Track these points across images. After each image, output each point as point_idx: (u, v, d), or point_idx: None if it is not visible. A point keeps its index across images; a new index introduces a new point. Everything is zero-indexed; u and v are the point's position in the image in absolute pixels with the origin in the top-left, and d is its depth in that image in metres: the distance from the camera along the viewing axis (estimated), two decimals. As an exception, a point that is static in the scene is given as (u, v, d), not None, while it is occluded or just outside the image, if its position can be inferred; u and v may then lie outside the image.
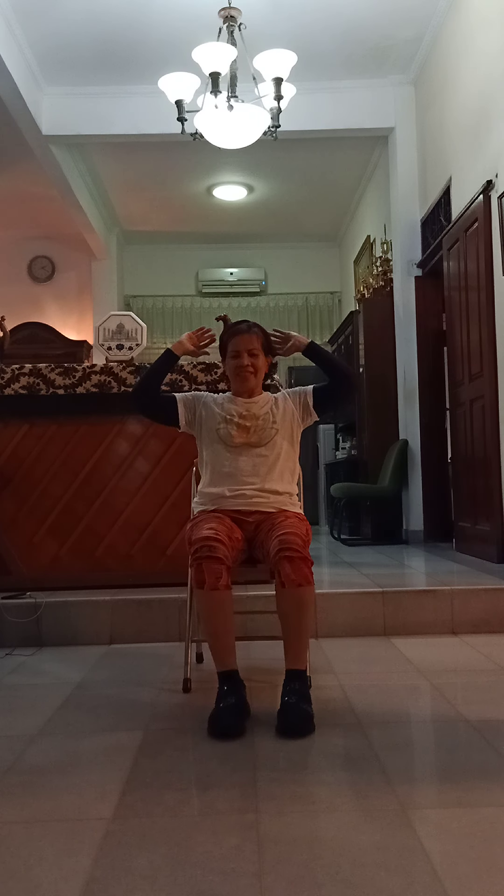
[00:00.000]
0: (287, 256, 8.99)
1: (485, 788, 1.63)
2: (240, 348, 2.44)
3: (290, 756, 1.86)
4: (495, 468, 4.16)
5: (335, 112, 5.76)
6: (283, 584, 2.15)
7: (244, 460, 2.40)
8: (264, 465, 2.41)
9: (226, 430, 2.41)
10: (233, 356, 2.46)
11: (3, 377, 3.53)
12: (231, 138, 4.37)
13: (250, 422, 2.42)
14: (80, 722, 2.17)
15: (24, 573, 3.51)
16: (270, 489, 2.40)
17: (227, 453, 2.42)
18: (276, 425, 2.43)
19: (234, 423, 2.41)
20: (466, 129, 4.65)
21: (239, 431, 2.41)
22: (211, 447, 2.46)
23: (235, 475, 2.40)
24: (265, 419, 2.43)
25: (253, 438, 2.40)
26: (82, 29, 5.01)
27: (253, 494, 2.38)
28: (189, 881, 1.29)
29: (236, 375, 2.46)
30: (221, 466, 2.42)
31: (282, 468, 2.43)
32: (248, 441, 2.40)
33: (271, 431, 2.42)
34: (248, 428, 2.41)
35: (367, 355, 6.06)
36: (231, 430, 2.41)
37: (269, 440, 2.41)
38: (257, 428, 2.41)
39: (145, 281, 8.95)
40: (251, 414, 2.43)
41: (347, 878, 1.28)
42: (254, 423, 2.42)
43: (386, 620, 3.20)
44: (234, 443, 2.40)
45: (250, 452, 2.40)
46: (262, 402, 2.48)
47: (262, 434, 2.41)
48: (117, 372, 3.55)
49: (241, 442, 2.40)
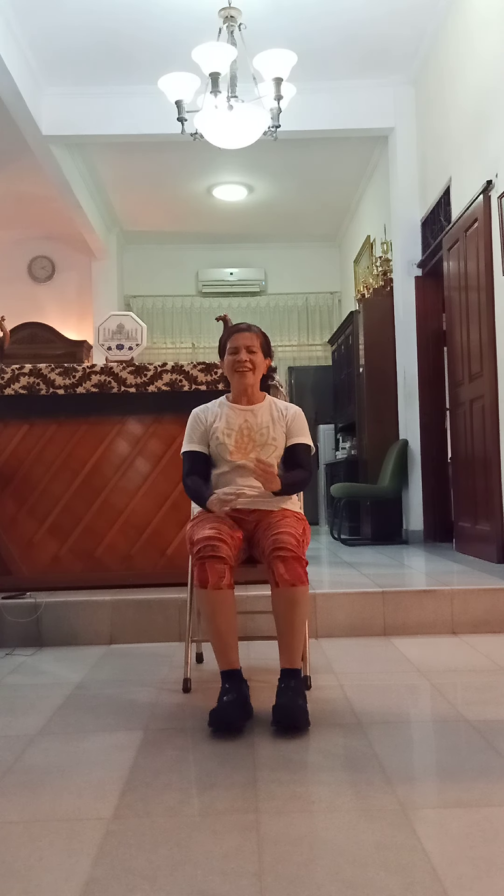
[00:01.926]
0: (287, 256, 8.99)
1: (485, 788, 1.63)
2: (238, 344, 2.44)
3: (290, 756, 1.86)
4: (495, 468, 4.16)
5: (335, 112, 5.76)
6: (276, 583, 2.16)
7: (242, 474, 2.41)
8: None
9: (223, 447, 2.42)
10: (231, 352, 2.46)
11: (3, 377, 3.53)
12: (231, 138, 4.37)
13: (247, 438, 2.42)
14: (80, 722, 2.17)
15: (24, 573, 3.52)
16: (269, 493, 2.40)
17: (225, 467, 2.44)
18: (275, 441, 2.44)
19: (231, 440, 2.42)
20: (466, 129, 4.65)
21: (237, 448, 2.41)
22: (211, 454, 2.48)
23: (235, 482, 2.41)
24: (263, 434, 2.44)
25: (251, 455, 2.41)
26: (82, 29, 5.02)
27: (253, 495, 2.38)
28: (189, 881, 1.29)
29: (234, 371, 2.46)
30: (221, 476, 2.44)
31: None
32: (247, 457, 2.41)
33: (269, 448, 2.43)
34: (244, 446, 2.42)
35: (367, 355, 6.06)
36: (229, 447, 2.42)
37: (268, 456, 2.42)
38: (255, 444, 2.42)
39: (145, 281, 8.95)
40: (249, 427, 2.44)
41: (347, 878, 1.28)
42: (251, 439, 2.42)
43: (386, 620, 3.20)
44: (232, 459, 2.42)
45: (248, 467, 2.39)
46: (261, 412, 2.48)
47: (259, 450, 2.42)
48: (117, 372, 3.55)
49: (240, 458, 2.42)
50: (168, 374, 3.54)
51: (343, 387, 7.04)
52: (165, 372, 3.54)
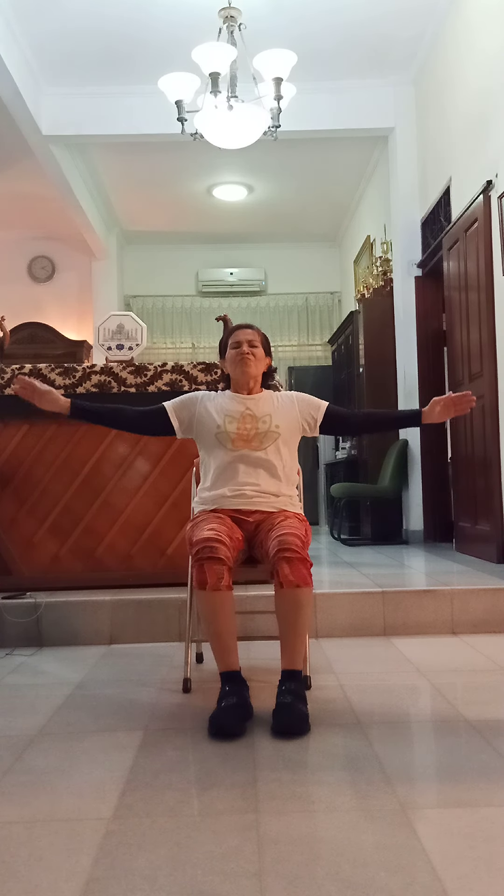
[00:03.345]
0: (287, 256, 8.99)
1: (485, 788, 1.63)
2: (240, 339, 2.48)
3: (290, 756, 1.86)
4: (495, 468, 4.16)
5: (335, 112, 5.76)
6: (281, 584, 2.15)
7: (244, 465, 2.40)
8: (264, 469, 2.41)
9: (225, 435, 2.41)
10: (233, 346, 2.49)
11: (4, 377, 3.53)
12: (231, 138, 4.37)
13: (250, 424, 2.42)
14: (80, 722, 2.17)
15: (24, 573, 3.52)
16: (270, 491, 2.40)
17: (226, 458, 2.42)
18: (278, 429, 2.43)
19: (233, 428, 2.41)
20: (466, 129, 4.65)
21: (238, 436, 2.40)
22: (211, 451, 2.46)
23: (236, 477, 2.40)
24: (265, 421, 2.43)
25: (253, 443, 2.40)
26: (82, 29, 5.02)
27: (253, 494, 2.38)
28: (189, 881, 1.29)
29: (237, 363, 2.46)
30: (222, 469, 2.42)
31: (282, 472, 2.43)
32: (249, 446, 2.41)
33: (272, 435, 2.42)
34: (247, 433, 2.41)
35: (367, 355, 6.06)
36: (231, 435, 2.41)
37: (270, 444, 2.41)
38: (257, 432, 2.41)
39: (145, 281, 8.95)
40: (251, 415, 2.43)
41: (347, 878, 1.28)
42: (253, 426, 2.42)
43: (386, 620, 3.20)
44: (234, 447, 2.41)
45: (250, 457, 2.40)
46: (262, 401, 2.48)
47: (262, 438, 2.41)
48: (117, 372, 3.55)
49: (242, 446, 2.41)
50: (168, 374, 3.54)
51: (343, 387, 7.04)
52: (165, 372, 3.55)
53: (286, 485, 2.45)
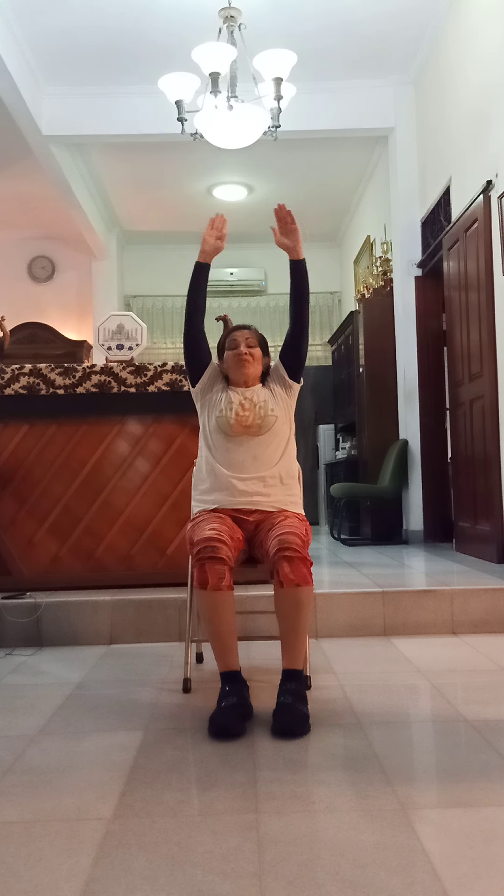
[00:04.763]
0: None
1: (485, 788, 1.63)
2: (238, 339, 2.52)
3: (290, 756, 1.86)
4: (495, 468, 4.16)
5: (335, 112, 5.76)
6: (281, 583, 2.15)
7: (244, 451, 2.41)
8: (266, 454, 2.42)
9: (225, 419, 2.42)
10: (231, 347, 2.52)
11: (3, 377, 3.53)
12: (231, 138, 4.37)
13: (249, 411, 2.43)
14: (80, 722, 2.17)
15: (24, 573, 3.52)
16: (273, 475, 2.41)
17: (227, 443, 2.43)
18: (274, 412, 2.46)
19: (233, 413, 2.42)
20: (466, 129, 4.65)
21: (237, 422, 2.42)
22: (212, 435, 2.47)
23: (235, 465, 2.40)
24: (263, 406, 2.45)
25: (252, 429, 2.42)
26: (82, 29, 5.02)
27: (254, 492, 2.38)
28: (189, 881, 1.29)
29: (236, 364, 2.49)
30: (222, 455, 2.43)
31: (283, 454, 2.46)
32: (248, 432, 2.42)
33: (271, 419, 2.44)
34: (246, 419, 2.42)
35: (367, 355, 6.06)
36: (230, 420, 2.42)
37: (270, 427, 2.43)
38: (256, 417, 2.43)
39: (145, 281, 8.95)
40: (249, 401, 2.45)
41: (347, 878, 1.28)
42: (252, 411, 2.44)
43: (386, 620, 3.20)
44: (233, 432, 2.41)
45: (251, 442, 2.41)
46: (258, 390, 2.52)
47: (262, 423, 2.42)
48: (117, 372, 3.55)
49: (241, 432, 2.42)
50: (168, 374, 3.54)
51: (343, 387, 7.04)
52: (165, 372, 3.55)
53: (288, 468, 2.46)
